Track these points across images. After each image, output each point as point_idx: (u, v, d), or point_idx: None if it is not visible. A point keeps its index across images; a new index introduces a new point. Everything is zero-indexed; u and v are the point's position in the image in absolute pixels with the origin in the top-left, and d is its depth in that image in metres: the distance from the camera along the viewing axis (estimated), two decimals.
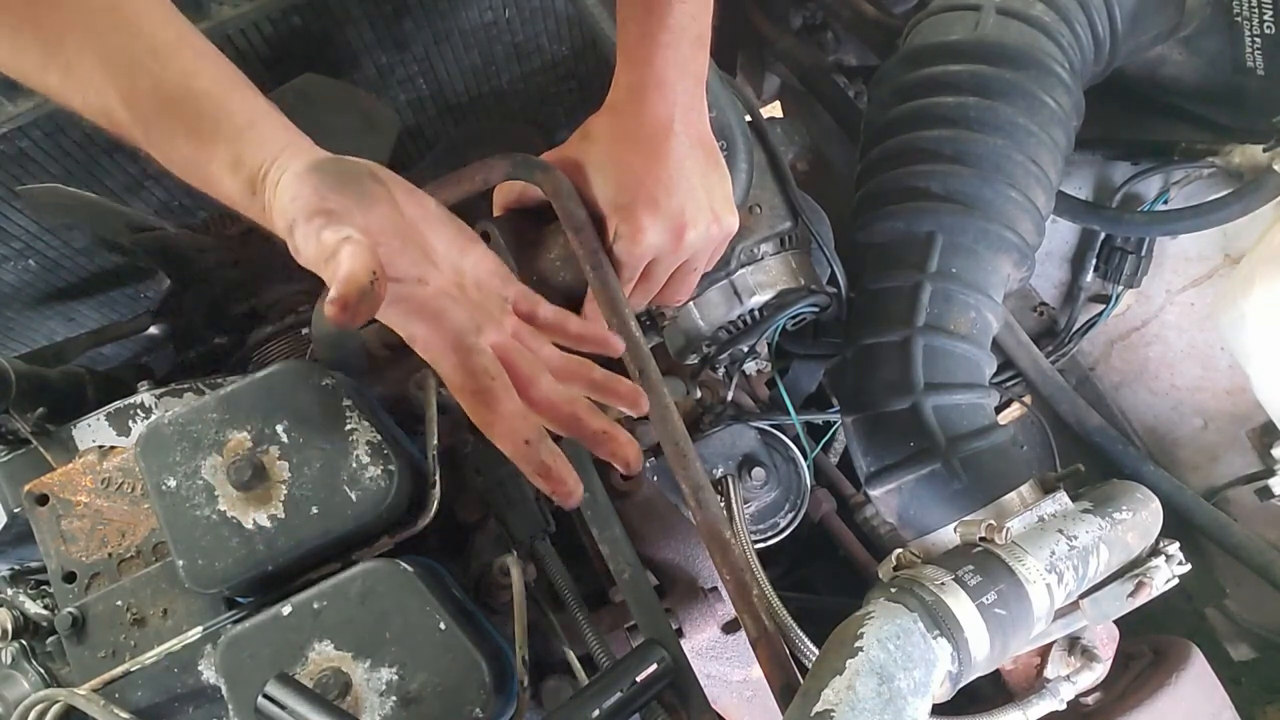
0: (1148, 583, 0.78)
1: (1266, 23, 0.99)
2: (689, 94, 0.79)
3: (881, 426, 0.92)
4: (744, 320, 0.98)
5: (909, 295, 0.93)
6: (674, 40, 0.76)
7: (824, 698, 0.59)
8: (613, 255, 0.80)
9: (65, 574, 0.86)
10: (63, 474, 0.88)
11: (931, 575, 0.72)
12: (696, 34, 0.77)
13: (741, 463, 1.08)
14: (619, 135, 0.79)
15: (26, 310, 1.27)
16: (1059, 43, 0.98)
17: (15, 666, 0.90)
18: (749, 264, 0.96)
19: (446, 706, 0.72)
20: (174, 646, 0.80)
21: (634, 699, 0.71)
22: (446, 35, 1.18)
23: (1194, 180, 1.21)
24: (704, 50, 0.79)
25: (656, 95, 0.77)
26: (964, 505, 0.87)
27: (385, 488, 0.76)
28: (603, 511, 0.83)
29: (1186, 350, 1.25)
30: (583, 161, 0.81)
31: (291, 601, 0.75)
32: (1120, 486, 0.86)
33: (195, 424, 0.77)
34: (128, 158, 1.13)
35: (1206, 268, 1.24)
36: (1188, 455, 1.24)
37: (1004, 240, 0.94)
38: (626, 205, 0.78)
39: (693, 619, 0.94)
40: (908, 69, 1.01)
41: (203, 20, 1.00)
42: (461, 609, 0.79)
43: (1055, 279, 1.32)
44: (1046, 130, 0.96)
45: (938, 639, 0.67)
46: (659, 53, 0.76)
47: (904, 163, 0.98)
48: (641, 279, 0.82)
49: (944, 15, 1.03)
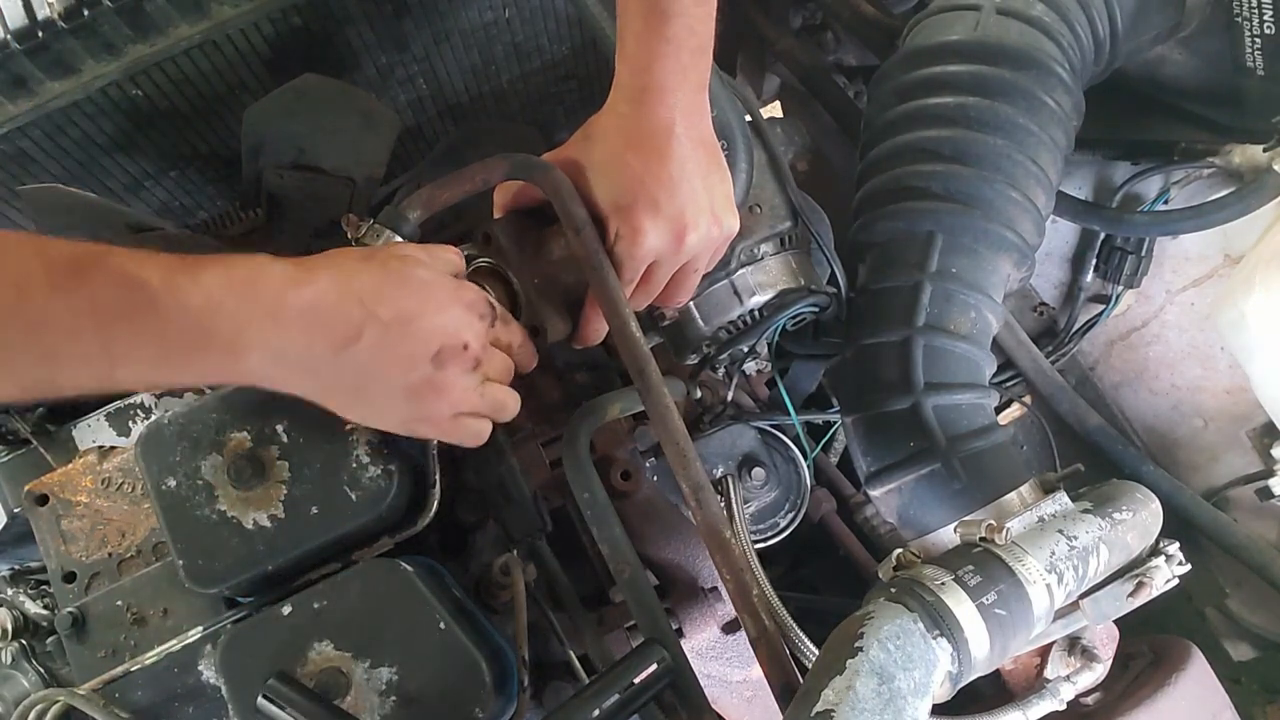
0: (1148, 583, 0.78)
1: (1266, 23, 0.99)
2: (690, 99, 0.79)
3: (881, 426, 0.92)
4: (744, 320, 0.98)
5: (909, 295, 0.93)
6: (674, 50, 0.76)
7: (824, 698, 0.59)
8: (613, 256, 0.80)
9: (65, 574, 0.86)
10: (63, 474, 0.88)
11: (931, 575, 0.72)
12: (696, 45, 0.77)
13: (741, 463, 1.08)
14: (620, 136, 0.79)
15: None
16: (1059, 43, 0.98)
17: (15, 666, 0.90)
18: (749, 264, 0.96)
19: (446, 706, 0.72)
20: (174, 646, 0.80)
21: (634, 699, 0.71)
22: (446, 35, 1.18)
23: (1194, 180, 1.21)
24: (705, 58, 0.79)
25: (657, 99, 0.77)
26: (964, 505, 0.86)
27: (385, 488, 0.76)
28: (602, 511, 0.84)
29: (1186, 350, 1.25)
30: (583, 162, 0.81)
31: (291, 601, 0.75)
32: (1120, 486, 0.86)
33: (195, 424, 0.77)
34: (128, 158, 1.13)
35: (1206, 268, 1.24)
36: (1188, 455, 1.24)
37: (1004, 240, 0.94)
38: (627, 206, 0.78)
39: (693, 619, 0.95)
40: (908, 69, 1.01)
41: (203, 20, 1.00)
42: (461, 609, 0.79)
43: (1055, 279, 1.32)
44: (1046, 130, 0.96)
45: (938, 639, 0.67)
46: (658, 62, 0.76)
47: (904, 162, 0.98)
48: (642, 280, 0.82)
49: (944, 15, 1.03)
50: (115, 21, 0.96)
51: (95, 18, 0.94)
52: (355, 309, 0.65)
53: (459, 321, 0.70)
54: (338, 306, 0.65)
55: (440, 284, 0.71)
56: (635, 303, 0.84)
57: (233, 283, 0.62)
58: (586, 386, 1.06)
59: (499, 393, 0.76)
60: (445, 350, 0.69)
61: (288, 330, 0.64)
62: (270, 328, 0.63)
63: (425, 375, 0.69)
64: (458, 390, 0.71)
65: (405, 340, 0.67)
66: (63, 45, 0.95)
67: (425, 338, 0.68)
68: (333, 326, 0.65)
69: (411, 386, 0.69)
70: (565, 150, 0.83)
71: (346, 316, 0.65)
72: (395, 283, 0.68)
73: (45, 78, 0.98)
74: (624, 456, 0.99)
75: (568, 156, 0.82)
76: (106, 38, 0.97)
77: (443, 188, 0.81)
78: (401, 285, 0.68)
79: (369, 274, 0.68)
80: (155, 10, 0.97)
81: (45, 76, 0.98)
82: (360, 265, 0.69)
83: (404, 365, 0.68)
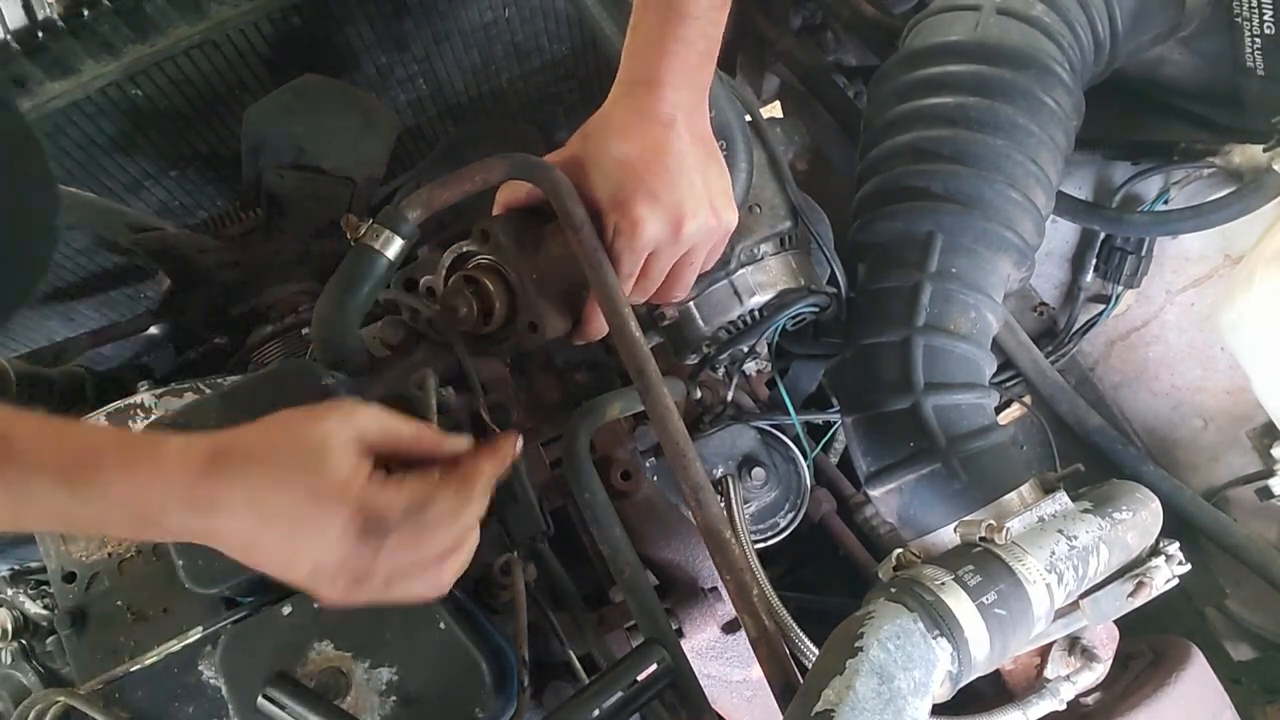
0: (1147, 583, 0.78)
1: (1266, 23, 0.99)
2: (692, 99, 0.80)
3: (881, 426, 0.92)
4: (744, 320, 0.98)
5: (909, 295, 0.93)
6: (684, 50, 0.77)
7: (824, 697, 0.59)
8: (612, 250, 0.80)
9: (65, 574, 0.86)
10: None
11: (931, 575, 0.72)
12: (705, 49, 0.78)
13: (741, 463, 1.08)
14: (620, 131, 0.80)
15: (26, 310, 1.27)
16: (1059, 43, 0.98)
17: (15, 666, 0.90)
18: (749, 264, 0.96)
19: (446, 706, 0.72)
20: (174, 646, 0.80)
21: (634, 699, 0.71)
22: (446, 35, 1.18)
23: (1194, 180, 1.21)
24: (711, 63, 0.80)
25: (659, 95, 0.78)
26: (964, 505, 0.86)
27: None
28: (603, 511, 0.83)
29: (1186, 350, 1.25)
30: (583, 158, 0.81)
31: (291, 601, 0.75)
32: (1120, 486, 0.86)
33: (195, 423, 0.77)
34: (128, 158, 1.14)
35: (1206, 268, 1.24)
36: (1187, 455, 1.24)
37: (1004, 240, 0.94)
38: (625, 199, 0.78)
39: (693, 619, 0.94)
40: (908, 69, 1.01)
41: (202, 20, 1.00)
42: (461, 609, 0.79)
43: (1055, 279, 1.32)
44: (1046, 130, 0.96)
45: (938, 639, 0.67)
46: (667, 60, 0.77)
47: (904, 162, 0.98)
48: (641, 273, 0.83)
49: (944, 15, 1.03)
50: (115, 22, 0.96)
51: (95, 18, 0.94)
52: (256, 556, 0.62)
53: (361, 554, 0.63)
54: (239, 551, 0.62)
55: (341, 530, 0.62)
56: (634, 298, 0.84)
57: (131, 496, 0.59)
58: (586, 386, 1.06)
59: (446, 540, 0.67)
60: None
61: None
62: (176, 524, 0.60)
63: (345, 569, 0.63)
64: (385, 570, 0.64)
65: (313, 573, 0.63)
66: (62, 45, 0.95)
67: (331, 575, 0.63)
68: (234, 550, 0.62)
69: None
70: (566, 149, 0.83)
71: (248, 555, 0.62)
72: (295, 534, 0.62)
73: (45, 78, 0.98)
74: (624, 456, 0.99)
75: (569, 155, 0.82)
76: (106, 38, 0.97)
77: (442, 187, 0.81)
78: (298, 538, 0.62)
79: (274, 526, 0.61)
80: (155, 10, 0.97)
81: (45, 77, 0.98)
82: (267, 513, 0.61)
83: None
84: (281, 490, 0.61)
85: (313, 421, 0.64)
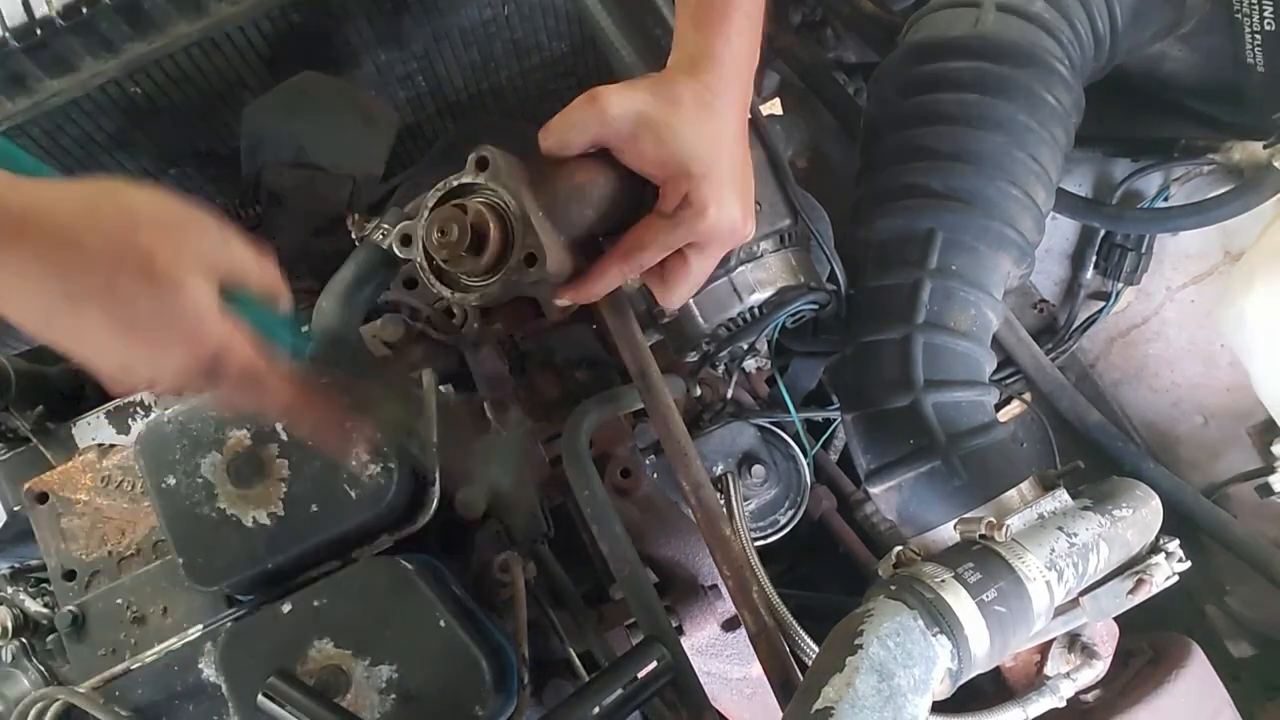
0: (1147, 580, 0.78)
1: (1266, 19, 0.99)
2: (746, 95, 0.79)
3: (881, 424, 0.92)
4: (744, 317, 0.98)
5: (909, 292, 0.93)
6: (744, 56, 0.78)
7: (824, 695, 0.60)
8: (673, 217, 0.75)
9: (65, 572, 0.86)
10: (62, 472, 0.88)
11: (931, 572, 0.72)
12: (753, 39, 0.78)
13: (741, 460, 1.08)
14: (700, 108, 0.75)
15: None
16: (1059, 39, 0.98)
17: (15, 664, 0.90)
18: (748, 261, 0.96)
19: (446, 704, 0.72)
20: (174, 644, 0.80)
21: (634, 696, 0.71)
22: (445, 33, 1.18)
23: (1194, 177, 1.21)
24: (748, 84, 0.80)
25: (743, 97, 0.78)
26: (964, 502, 0.86)
27: (385, 486, 0.76)
28: (602, 509, 0.84)
29: (1187, 347, 1.25)
30: (658, 121, 0.74)
31: (291, 599, 0.75)
32: (1120, 484, 0.87)
33: (195, 422, 0.77)
34: (127, 155, 1.13)
35: (1207, 265, 1.24)
36: (1188, 452, 1.24)
37: (1004, 237, 0.94)
38: (706, 175, 0.74)
39: (693, 616, 0.95)
40: (908, 66, 1.01)
41: (202, 18, 0.99)
42: (461, 607, 0.79)
43: (1055, 276, 1.32)
44: (1047, 127, 0.96)
45: (937, 636, 0.67)
46: (748, 63, 0.78)
47: (904, 160, 0.98)
48: (675, 255, 0.79)
49: (944, 12, 1.03)
50: (114, 19, 0.96)
51: (94, 15, 0.94)
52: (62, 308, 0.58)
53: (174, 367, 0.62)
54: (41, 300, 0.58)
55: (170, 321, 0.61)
56: (623, 275, 0.80)
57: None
58: (586, 383, 1.06)
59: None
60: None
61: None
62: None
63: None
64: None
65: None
66: (61, 43, 0.95)
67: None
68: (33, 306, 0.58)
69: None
70: (647, 102, 0.76)
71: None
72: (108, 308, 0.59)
73: (44, 75, 0.98)
74: (624, 454, 0.99)
75: (639, 110, 0.75)
76: (105, 35, 0.97)
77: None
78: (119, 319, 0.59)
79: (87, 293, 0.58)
80: (154, 8, 0.97)
81: (44, 74, 0.98)
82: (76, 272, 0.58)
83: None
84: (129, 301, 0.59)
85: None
